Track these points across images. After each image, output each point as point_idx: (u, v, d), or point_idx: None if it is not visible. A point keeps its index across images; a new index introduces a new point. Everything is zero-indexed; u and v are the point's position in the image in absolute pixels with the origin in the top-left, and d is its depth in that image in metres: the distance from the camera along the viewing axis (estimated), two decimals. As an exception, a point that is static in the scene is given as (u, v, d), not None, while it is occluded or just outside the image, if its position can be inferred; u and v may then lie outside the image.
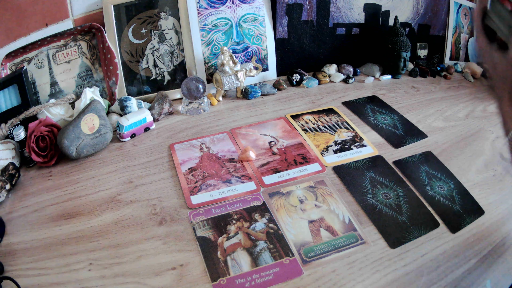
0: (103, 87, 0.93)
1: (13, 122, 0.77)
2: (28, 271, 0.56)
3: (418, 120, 0.93)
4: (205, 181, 0.73)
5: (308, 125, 0.90)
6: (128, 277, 0.55)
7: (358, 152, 0.81)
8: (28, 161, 0.76)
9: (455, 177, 0.76)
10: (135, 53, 0.95)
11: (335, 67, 1.14)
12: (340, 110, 0.96)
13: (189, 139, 0.85)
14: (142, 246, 0.60)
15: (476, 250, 0.61)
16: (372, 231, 0.63)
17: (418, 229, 0.64)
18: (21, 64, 0.85)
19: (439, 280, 0.56)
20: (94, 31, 0.90)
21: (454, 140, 0.86)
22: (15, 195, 0.70)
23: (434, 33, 1.21)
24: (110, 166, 0.77)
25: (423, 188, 0.73)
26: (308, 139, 0.85)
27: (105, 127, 0.80)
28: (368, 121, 0.92)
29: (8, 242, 0.61)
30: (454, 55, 1.21)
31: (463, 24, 1.21)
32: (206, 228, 0.63)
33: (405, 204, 0.69)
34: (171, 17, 0.96)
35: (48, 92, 0.88)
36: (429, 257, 0.59)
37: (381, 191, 0.71)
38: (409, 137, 0.87)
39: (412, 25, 1.18)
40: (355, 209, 0.68)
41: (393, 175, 0.75)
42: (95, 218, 0.65)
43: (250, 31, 1.04)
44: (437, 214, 0.67)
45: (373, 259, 0.59)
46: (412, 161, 0.79)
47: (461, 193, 0.72)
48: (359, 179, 0.74)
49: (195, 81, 0.91)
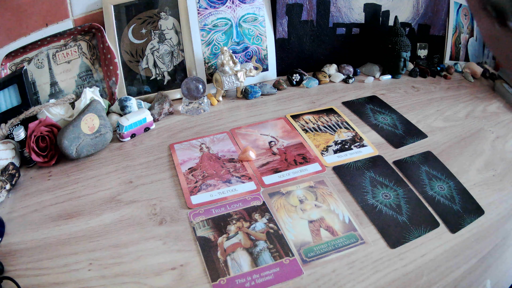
0: (103, 87, 0.93)
1: (13, 122, 0.77)
2: (28, 271, 0.56)
3: (418, 120, 0.93)
4: (205, 181, 0.73)
5: (308, 125, 0.90)
6: (128, 277, 0.55)
7: (358, 152, 0.81)
8: (28, 161, 0.76)
9: (455, 177, 0.76)
10: (135, 53, 0.95)
11: (335, 67, 1.14)
12: (340, 110, 0.96)
13: (189, 139, 0.85)
14: (142, 246, 0.60)
15: (476, 250, 0.61)
16: (372, 231, 0.63)
17: (418, 229, 0.64)
18: (21, 64, 0.85)
19: (439, 280, 0.56)
20: (94, 31, 0.90)
21: (454, 140, 0.86)
22: (15, 195, 0.70)
23: (434, 33, 1.21)
24: (110, 166, 0.77)
25: (423, 188, 0.73)
26: (308, 139, 0.85)
27: (105, 127, 0.80)
28: (368, 121, 0.92)
29: (8, 242, 0.61)
30: (454, 55, 1.21)
31: (463, 24, 1.21)
32: (206, 228, 0.63)
33: (405, 204, 0.69)
34: (171, 17, 0.96)
35: (48, 92, 0.88)
36: (429, 257, 0.60)
37: (381, 191, 0.71)
38: (409, 137, 0.87)
39: (412, 25, 1.18)
40: (355, 209, 0.68)
41: (393, 175, 0.75)
42: (95, 218, 0.65)
43: (250, 31, 1.04)
44: (437, 214, 0.67)
45: (373, 259, 0.59)
46: (412, 161, 0.79)
47: (461, 193, 0.72)
48: (359, 179, 0.74)
49: (195, 81, 0.91)
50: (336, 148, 0.83)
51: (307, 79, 1.07)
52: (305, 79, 1.07)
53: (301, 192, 0.71)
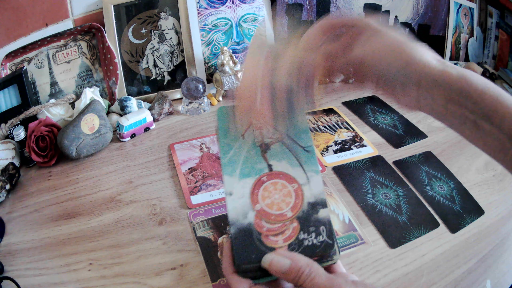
0: (103, 87, 0.93)
1: (13, 122, 0.77)
2: (28, 271, 0.56)
3: (418, 120, 0.93)
4: (205, 181, 0.73)
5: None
6: (128, 277, 0.55)
7: (358, 152, 0.81)
8: (28, 161, 0.76)
9: (455, 177, 0.76)
10: (135, 53, 0.95)
11: (335, 67, 1.13)
12: (340, 110, 0.96)
13: (189, 139, 0.85)
14: (142, 246, 0.60)
15: (476, 250, 0.61)
16: (372, 231, 0.63)
17: (418, 229, 0.64)
18: (21, 64, 0.85)
19: (439, 280, 0.56)
20: (94, 31, 0.90)
21: (454, 140, 0.86)
22: (15, 195, 0.70)
23: (434, 33, 1.20)
24: (110, 166, 0.77)
25: (423, 188, 0.73)
26: (308, 139, 0.85)
27: (105, 127, 0.80)
28: (368, 121, 0.92)
29: (8, 242, 0.61)
30: (454, 55, 1.21)
31: (463, 24, 1.21)
32: (206, 228, 0.63)
33: (405, 204, 0.69)
34: (171, 17, 0.96)
35: (48, 92, 0.88)
36: (429, 257, 0.59)
37: (381, 191, 0.71)
38: (409, 137, 0.87)
39: (412, 25, 1.18)
40: (355, 209, 0.67)
41: (393, 175, 0.75)
42: (95, 218, 0.65)
43: (250, 31, 1.04)
44: (437, 214, 0.67)
45: (373, 259, 0.59)
46: (412, 161, 0.79)
47: (461, 193, 0.72)
48: (359, 179, 0.74)
49: (195, 81, 0.91)
50: (336, 148, 0.83)
51: (307, 79, 1.07)
52: (305, 79, 1.07)
53: (301, 192, 0.71)
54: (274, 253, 0.40)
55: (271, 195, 0.45)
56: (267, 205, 0.44)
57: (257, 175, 0.46)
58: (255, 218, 0.43)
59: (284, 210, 0.44)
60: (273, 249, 0.41)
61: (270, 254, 0.40)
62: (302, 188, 0.45)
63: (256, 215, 0.43)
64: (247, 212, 0.44)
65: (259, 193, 0.45)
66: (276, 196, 0.45)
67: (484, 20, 1.24)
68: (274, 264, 0.39)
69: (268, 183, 0.45)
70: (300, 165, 0.46)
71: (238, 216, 0.43)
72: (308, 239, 0.42)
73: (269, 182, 0.46)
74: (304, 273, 0.38)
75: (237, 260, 0.41)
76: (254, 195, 0.45)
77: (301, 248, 0.42)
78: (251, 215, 0.44)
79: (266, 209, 0.44)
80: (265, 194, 0.45)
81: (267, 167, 0.46)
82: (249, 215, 0.44)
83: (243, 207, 0.44)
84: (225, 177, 0.46)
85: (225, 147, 0.48)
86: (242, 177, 0.46)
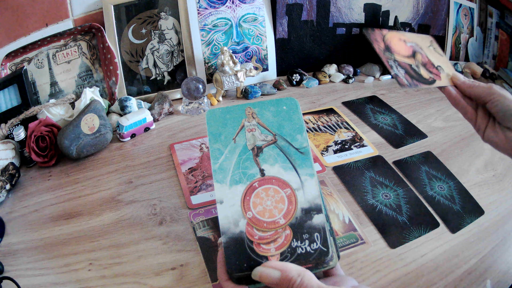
0: (103, 87, 0.93)
1: (13, 122, 0.77)
2: (28, 271, 0.56)
3: (418, 120, 0.93)
4: (205, 181, 0.73)
5: (308, 125, 0.90)
6: (128, 277, 0.55)
7: (358, 152, 0.81)
8: (28, 161, 0.76)
9: (455, 177, 0.76)
10: (135, 53, 0.95)
11: (335, 67, 1.14)
12: (340, 110, 0.96)
13: (189, 139, 0.85)
14: (142, 246, 0.60)
15: (476, 250, 0.61)
16: (372, 231, 0.63)
17: (418, 229, 0.64)
18: (21, 64, 0.85)
19: (439, 280, 0.56)
20: (94, 31, 0.90)
21: (454, 140, 0.86)
22: (15, 195, 0.70)
23: (434, 33, 1.21)
24: (110, 166, 0.77)
25: (423, 188, 0.73)
26: (308, 139, 0.85)
27: (105, 127, 0.80)
28: (368, 121, 0.92)
29: (8, 242, 0.61)
30: (454, 55, 1.21)
31: (463, 24, 1.21)
32: (206, 228, 0.63)
33: (405, 204, 0.69)
34: (171, 17, 0.96)
35: (48, 92, 0.88)
36: (429, 257, 0.60)
37: (381, 191, 0.71)
38: (409, 137, 0.87)
39: (412, 25, 1.18)
40: (355, 209, 0.68)
41: (393, 175, 0.75)
42: (95, 218, 0.65)
43: (250, 31, 1.04)
44: (437, 214, 0.67)
45: (373, 259, 0.59)
46: (412, 161, 0.79)
47: (461, 193, 0.72)
48: (359, 179, 0.74)
49: (195, 81, 0.91)
50: (336, 148, 0.83)
51: (307, 79, 1.07)
52: (305, 79, 1.07)
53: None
54: (264, 265, 0.39)
55: (263, 201, 0.43)
56: (258, 212, 0.43)
57: (249, 181, 0.44)
58: (246, 226, 0.42)
59: (276, 217, 0.42)
60: (265, 258, 0.41)
61: (260, 267, 0.39)
62: (295, 194, 0.43)
63: (248, 223, 0.42)
64: (238, 220, 0.42)
65: (250, 200, 0.44)
66: (268, 203, 0.43)
67: (484, 20, 1.24)
68: (264, 277, 0.39)
69: (260, 189, 0.44)
70: (294, 169, 0.45)
71: (230, 224, 0.42)
72: (301, 247, 0.41)
73: (261, 188, 0.44)
74: (296, 284, 0.37)
75: (228, 269, 0.41)
76: (246, 202, 0.43)
77: (294, 257, 0.40)
78: (243, 223, 0.42)
79: (257, 216, 0.43)
80: (257, 201, 0.43)
81: (259, 172, 0.45)
82: (240, 223, 0.42)
83: (234, 215, 0.42)
84: (216, 184, 0.44)
85: (215, 152, 0.46)
86: (233, 184, 0.44)
